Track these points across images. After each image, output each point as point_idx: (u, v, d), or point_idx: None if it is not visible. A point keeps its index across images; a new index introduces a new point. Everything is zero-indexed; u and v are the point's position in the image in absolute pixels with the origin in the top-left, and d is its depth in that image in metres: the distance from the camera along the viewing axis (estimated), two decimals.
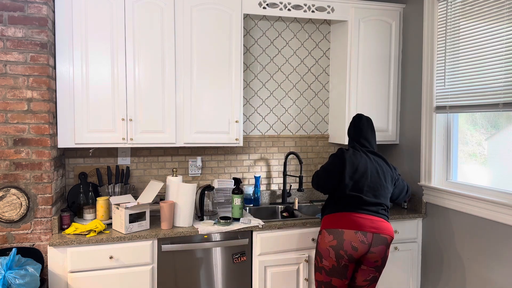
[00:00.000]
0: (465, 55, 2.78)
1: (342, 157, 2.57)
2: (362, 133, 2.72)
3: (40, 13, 2.45)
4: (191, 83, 2.90)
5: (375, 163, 2.60)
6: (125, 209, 2.54)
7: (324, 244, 2.46)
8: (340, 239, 2.40)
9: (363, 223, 2.42)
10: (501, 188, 2.59)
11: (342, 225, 2.42)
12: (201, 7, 2.90)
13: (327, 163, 2.64)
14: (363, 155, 2.61)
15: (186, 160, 3.28)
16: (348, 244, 2.39)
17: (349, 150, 2.63)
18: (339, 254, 2.40)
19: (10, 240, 2.46)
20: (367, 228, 2.41)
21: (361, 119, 2.77)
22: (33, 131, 2.47)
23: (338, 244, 2.40)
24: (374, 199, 2.51)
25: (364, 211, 2.47)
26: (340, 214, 2.48)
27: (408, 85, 3.32)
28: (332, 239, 2.43)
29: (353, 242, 2.38)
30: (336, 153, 2.65)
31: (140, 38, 2.78)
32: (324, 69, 3.58)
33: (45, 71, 2.47)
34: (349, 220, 2.43)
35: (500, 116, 2.70)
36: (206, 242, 2.70)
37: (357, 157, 2.57)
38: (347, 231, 2.40)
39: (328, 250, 2.43)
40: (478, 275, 2.70)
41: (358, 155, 2.59)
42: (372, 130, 2.77)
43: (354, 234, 2.39)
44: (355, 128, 2.76)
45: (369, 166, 2.56)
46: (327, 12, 3.20)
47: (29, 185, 2.47)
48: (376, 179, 2.54)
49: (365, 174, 2.52)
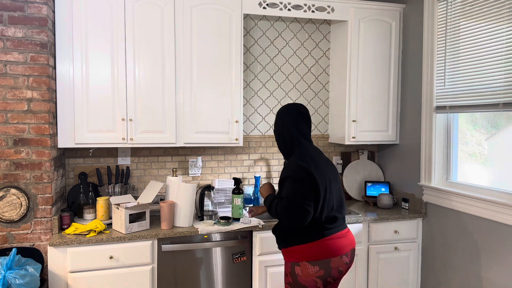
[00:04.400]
0: (465, 55, 2.78)
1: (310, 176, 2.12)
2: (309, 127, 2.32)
3: (40, 13, 2.45)
4: (191, 83, 2.90)
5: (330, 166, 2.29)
6: (125, 209, 2.54)
7: (309, 276, 2.17)
8: (327, 268, 2.17)
9: (344, 244, 2.23)
10: (501, 188, 2.59)
11: (327, 254, 2.17)
12: (201, 7, 2.90)
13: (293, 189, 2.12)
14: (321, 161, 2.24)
15: (186, 160, 3.28)
16: (335, 270, 2.20)
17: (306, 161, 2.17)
18: (326, 281, 2.20)
19: (10, 240, 2.46)
20: (347, 248, 2.24)
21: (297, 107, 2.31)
22: (33, 131, 2.47)
23: (325, 273, 2.18)
24: (342, 211, 2.29)
25: (338, 229, 2.24)
26: (318, 243, 2.17)
27: (408, 85, 3.32)
28: (318, 269, 2.16)
29: (340, 267, 2.21)
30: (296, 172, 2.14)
31: (140, 38, 2.78)
32: (324, 69, 3.58)
33: (45, 71, 2.47)
34: (331, 246, 2.18)
35: (500, 116, 2.70)
36: (206, 242, 2.70)
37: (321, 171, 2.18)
38: (334, 258, 2.18)
39: (315, 281, 2.17)
40: (478, 275, 2.70)
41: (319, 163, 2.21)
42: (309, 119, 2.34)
43: (340, 259, 2.20)
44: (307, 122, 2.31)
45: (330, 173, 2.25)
46: (327, 12, 3.20)
47: (29, 185, 2.47)
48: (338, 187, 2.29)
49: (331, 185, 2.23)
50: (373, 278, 3.06)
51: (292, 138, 2.26)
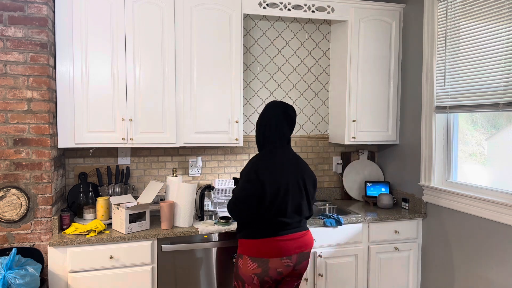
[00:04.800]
0: (465, 55, 2.78)
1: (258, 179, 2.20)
2: (283, 132, 2.33)
3: (40, 13, 2.45)
4: (191, 83, 2.90)
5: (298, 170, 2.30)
6: (125, 209, 2.54)
7: (248, 271, 2.25)
8: (265, 268, 2.22)
9: (288, 248, 2.24)
10: (501, 188, 2.59)
11: (267, 254, 2.21)
12: (201, 7, 2.90)
13: (242, 188, 2.25)
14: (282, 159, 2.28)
15: (186, 160, 3.28)
16: (273, 271, 2.23)
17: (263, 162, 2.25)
18: (263, 281, 2.24)
19: (10, 240, 2.46)
20: (292, 251, 2.24)
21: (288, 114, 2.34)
22: (33, 131, 2.47)
23: (263, 272, 2.22)
24: (298, 215, 2.30)
25: (287, 231, 2.26)
26: (262, 241, 2.23)
27: (408, 85, 3.32)
28: (256, 267, 2.23)
29: (279, 269, 2.23)
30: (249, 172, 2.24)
31: (140, 38, 2.78)
32: (324, 69, 3.58)
33: (45, 71, 2.47)
34: (274, 247, 2.22)
35: (500, 116, 2.70)
36: (206, 242, 2.70)
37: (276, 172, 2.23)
38: (273, 259, 2.22)
39: (252, 277, 2.24)
40: (478, 275, 2.70)
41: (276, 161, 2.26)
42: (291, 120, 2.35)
43: (279, 261, 2.22)
44: (277, 124, 2.33)
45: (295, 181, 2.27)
46: (327, 12, 3.20)
47: (29, 185, 2.47)
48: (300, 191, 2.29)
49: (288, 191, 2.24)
50: (373, 278, 3.06)
51: (265, 136, 2.35)
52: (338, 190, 3.63)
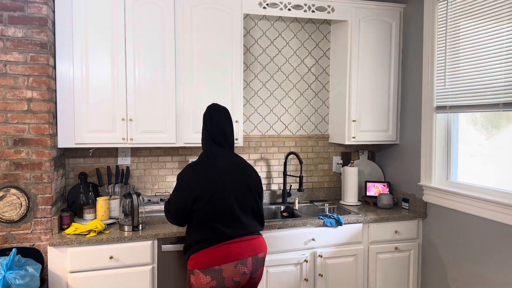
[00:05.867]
0: (465, 55, 2.78)
1: (190, 183, 2.16)
2: (222, 129, 2.30)
3: (40, 13, 2.45)
4: (191, 82, 2.90)
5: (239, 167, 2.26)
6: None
7: (202, 286, 2.10)
8: (219, 278, 2.09)
9: (240, 251, 2.13)
10: (501, 188, 2.59)
11: (218, 261, 2.09)
12: (201, 7, 2.90)
13: (173, 195, 2.22)
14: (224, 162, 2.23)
15: (186, 160, 3.28)
16: (229, 280, 2.10)
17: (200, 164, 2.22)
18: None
19: (10, 240, 2.45)
20: (245, 255, 2.13)
21: (218, 111, 2.33)
22: (33, 131, 2.46)
23: (218, 284, 2.09)
24: (247, 214, 2.22)
25: (237, 235, 2.15)
26: (212, 250, 2.11)
27: (408, 85, 3.32)
28: (210, 280, 2.09)
29: (235, 277, 2.11)
30: (182, 177, 2.21)
31: (140, 38, 2.78)
32: (324, 69, 3.58)
33: (45, 71, 2.47)
34: (224, 253, 2.10)
35: (500, 116, 2.70)
36: None
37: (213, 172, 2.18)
38: (226, 267, 2.09)
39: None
40: (478, 275, 2.70)
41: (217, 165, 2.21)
42: (231, 125, 2.35)
43: (234, 269, 2.10)
44: (213, 122, 2.30)
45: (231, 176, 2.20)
46: (327, 12, 3.20)
47: (29, 185, 2.47)
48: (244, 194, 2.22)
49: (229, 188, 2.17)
50: (373, 278, 3.06)
51: (205, 138, 2.34)
52: (338, 190, 3.63)
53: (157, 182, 3.22)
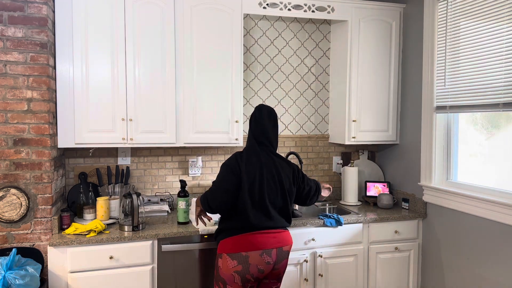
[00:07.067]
0: (465, 55, 2.78)
1: (236, 169, 2.29)
2: (264, 129, 2.41)
3: (40, 13, 2.45)
4: (191, 83, 2.90)
5: (274, 166, 2.36)
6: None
7: (228, 270, 2.26)
8: (245, 264, 2.23)
9: (266, 241, 2.27)
10: (501, 188, 2.59)
11: (246, 249, 2.24)
12: (201, 7, 2.90)
13: (219, 177, 2.34)
14: (260, 160, 2.34)
15: (186, 160, 3.28)
16: (254, 267, 2.24)
17: (243, 155, 2.34)
18: (245, 279, 2.25)
19: (10, 240, 2.45)
20: (270, 245, 2.27)
21: (261, 112, 2.43)
22: (33, 131, 2.46)
23: (243, 269, 2.23)
24: (275, 211, 2.34)
25: (266, 227, 2.29)
26: (240, 237, 2.27)
27: (408, 85, 3.32)
28: (236, 264, 2.24)
29: (259, 265, 2.24)
30: (228, 163, 2.33)
31: (140, 38, 2.78)
32: (324, 69, 3.58)
33: (45, 71, 2.47)
34: (252, 242, 2.25)
35: (500, 116, 2.70)
36: (206, 242, 2.69)
37: (253, 165, 2.30)
38: (252, 254, 2.23)
39: (233, 276, 2.25)
40: (478, 275, 2.70)
41: (254, 160, 2.32)
42: (275, 126, 2.45)
43: (259, 257, 2.24)
44: (256, 123, 2.43)
45: (266, 173, 2.31)
46: (327, 12, 3.20)
47: (29, 185, 2.47)
48: (277, 186, 2.33)
49: (263, 183, 2.29)
50: (373, 278, 3.06)
51: (248, 136, 2.46)
52: (338, 190, 3.63)
53: (157, 182, 3.22)
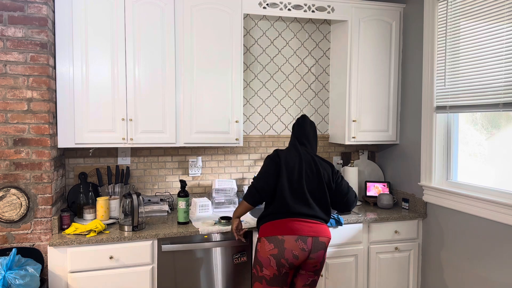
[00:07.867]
0: (465, 55, 2.78)
1: (276, 158, 2.50)
2: (305, 132, 2.64)
3: (40, 13, 2.45)
4: (191, 82, 2.90)
5: (313, 161, 2.52)
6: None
7: (265, 253, 2.38)
8: (281, 248, 2.35)
9: (302, 229, 2.38)
10: (501, 188, 2.59)
11: (282, 232, 2.37)
12: (201, 7, 2.90)
13: (262, 167, 2.55)
14: (299, 153, 2.52)
15: (186, 160, 3.28)
16: (289, 252, 2.34)
17: (284, 150, 2.56)
18: (280, 263, 2.35)
19: (10, 240, 2.45)
20: (306, 233, 2.37)
21: (304, 119, 2.70)
22: (33, 131, 2.46)
23: (279, 253, 2.34)
24: (314, 201, 2.47)
25: (304, 214, 2.42)
26: (278, 222, 2.42)
27: (408, 85, 3.32)
28: (273, 247, 2.36)
29: (294, 251, 2.34)
30: (270, 155, 2.55)
31: (140, 38, 2.78)
32: (324, 69, 3.58)
33: (45, 71, 2.47)
34: (288, 227, 2.38)
35: (500, 116, 2.70)
36: (206, 242, 2.69)
37: (292, 157, 2.50)
38: (288, 238, 2.35)
39: (269, 259, 2.36)
40: (478, 275, 2.70)
41: (293, 154, 2.52)
42: (315, 134, 2.69)
43: (294, 242, 2.34)
44: (299, 126, 2.68)
45: (305, 165, 2.48)
46: (327, 12, 3.20)
47: (29, 185, 2.47)
48: (315, 178, 2.48)
49: (302, 173, 2.46)
50: (373, 278, 3.06)
51: (291, 139, 2.70)
52: None
53: (157, 182, 3.22)
